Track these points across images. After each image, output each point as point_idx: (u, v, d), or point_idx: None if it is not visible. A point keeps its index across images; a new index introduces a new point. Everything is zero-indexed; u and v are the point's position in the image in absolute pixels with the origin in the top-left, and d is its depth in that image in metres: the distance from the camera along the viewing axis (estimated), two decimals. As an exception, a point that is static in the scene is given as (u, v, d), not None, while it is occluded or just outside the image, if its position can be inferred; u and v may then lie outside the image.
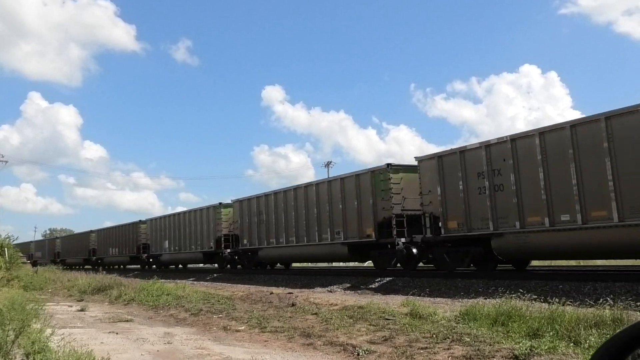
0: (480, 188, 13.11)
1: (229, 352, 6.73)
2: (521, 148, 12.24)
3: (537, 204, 11.92)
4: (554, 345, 5.59)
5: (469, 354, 5.71)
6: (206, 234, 26.91)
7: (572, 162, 11.16)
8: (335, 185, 18.25)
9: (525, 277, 12.17)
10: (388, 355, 6.05)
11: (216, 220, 26.07)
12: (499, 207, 12.67)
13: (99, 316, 11.31)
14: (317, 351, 6.67)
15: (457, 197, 13.66)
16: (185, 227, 29.07)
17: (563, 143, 11.33)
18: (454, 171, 13.83)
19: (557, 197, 11.49)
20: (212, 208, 26.73)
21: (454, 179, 13.79)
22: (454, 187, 13.82)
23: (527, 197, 12.12)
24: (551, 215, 11.54)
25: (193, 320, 10.15)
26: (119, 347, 7.25)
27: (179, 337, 8.08)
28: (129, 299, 14.27)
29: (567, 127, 11.31)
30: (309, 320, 8.88)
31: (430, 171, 14.61)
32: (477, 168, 13.19)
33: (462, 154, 13.67)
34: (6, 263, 19.13)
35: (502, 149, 12.65)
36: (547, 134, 11.72)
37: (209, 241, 26.56)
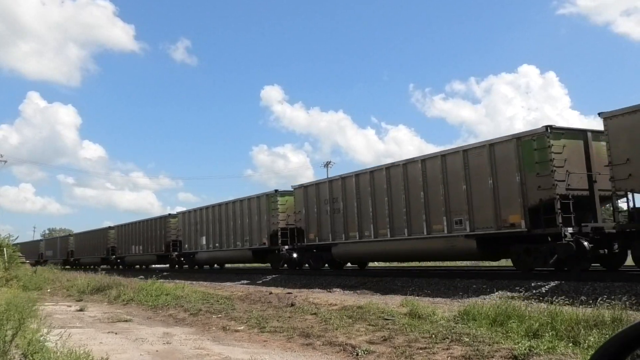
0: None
1: (228, 352, 6.73)
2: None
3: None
4: (553, 345, 5.59)
5: (468, 354, 5.70)
6: (257, 227, 23.25)
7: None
8: (454, 161, 14.31)
9: (525, 278, 12.17)
10: (387, 355, 6.05)
11: (270, 211, 22.35)
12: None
13: (97, 316, 11.30)
14: (316, 351, 6.67)
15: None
16: (229, 220, 25.41)
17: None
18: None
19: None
20: (265, 196, 23.13)
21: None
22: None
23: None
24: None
25: (192, 320, 10.14)
26: (118, 347, 7.24)
27: (178, 337, 8.07)
28: (128, 299, 14.26)
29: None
30: (308, 320, 8.88)
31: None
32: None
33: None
34: (5, 263, 19.11)
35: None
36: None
37: (261, 236, 22.95)
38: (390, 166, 16.69)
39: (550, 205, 11.86)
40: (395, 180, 16.24)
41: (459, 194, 14.00)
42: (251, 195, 24.22)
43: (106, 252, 39.28)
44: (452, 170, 14.35)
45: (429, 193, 14.97)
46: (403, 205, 15.77)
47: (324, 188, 19.49)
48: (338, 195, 18.61)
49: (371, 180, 17.23)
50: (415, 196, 15.42)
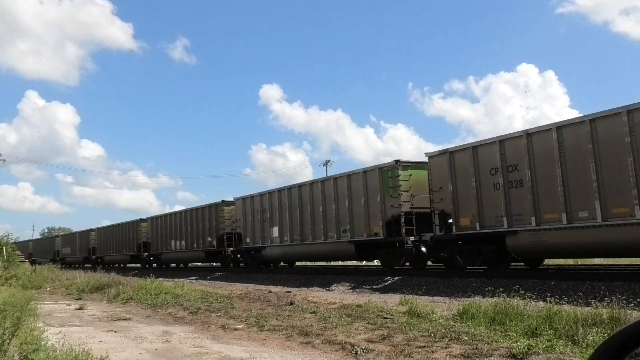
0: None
1: (228, 350, 6.74)
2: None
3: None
4: (552, 344, 5.61)
5: (467, 352, 5.72)
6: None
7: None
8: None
9: (524, 276, 12.19)
10: (386, 354, 6.06)
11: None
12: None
13: (97, 315, 11.31)
14: (316, 350, 6.68)
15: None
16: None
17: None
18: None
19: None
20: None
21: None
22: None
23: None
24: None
25: (191, 319, 10.15)
26: (118, 345, 7.24)
27: (177, 336, 8.08)
28: (127, 297, 14.26)
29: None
30: (307, 319, 8.89)
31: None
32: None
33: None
34: (4, 262, 19.12)
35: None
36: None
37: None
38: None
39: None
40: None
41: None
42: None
43: (137, 248, 35.48)
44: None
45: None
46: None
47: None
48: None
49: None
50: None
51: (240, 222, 23.96)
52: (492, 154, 13.06)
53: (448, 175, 14.10)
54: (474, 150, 13.53)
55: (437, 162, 14.61)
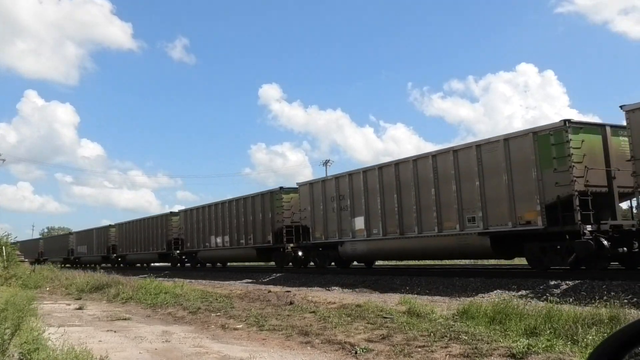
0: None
1: (227, 350, 6.74)
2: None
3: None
4: (551, 344, 5.61)
5: (467, 352, 5.72)
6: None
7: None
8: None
9: (523, 276, 12.20)
10: (386, 354, 6.06)
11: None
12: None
13: (97, 314, 11.30)
14: (315, 349, 6.68)
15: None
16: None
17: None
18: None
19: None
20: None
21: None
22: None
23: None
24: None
25: (191, 319, 10.15)
26: (117, 345, 7.24)
27: (177, 336, 8.08)
28: (127, 297, 14.26)
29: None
30: (307, 319, 8.89)
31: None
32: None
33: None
34: (4, 262, 19.11)
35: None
36: None
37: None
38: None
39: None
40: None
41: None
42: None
43: (167, 245, 31.50)
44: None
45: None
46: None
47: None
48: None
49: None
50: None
51: (307, 212, 20.04)
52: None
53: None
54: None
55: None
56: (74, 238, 47.01)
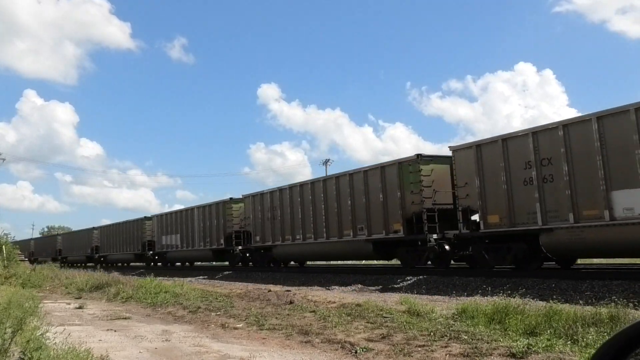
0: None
1: (227, 349, 6.74)
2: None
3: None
4: (552, 344, 5.61)
5: (467, 351, 5.72)
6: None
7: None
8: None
9: (523, 275, 12.20)
10: (386, 353, 6.06)
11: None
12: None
13: (97, 314, 11.30)
14: (315, 349, 6.68)
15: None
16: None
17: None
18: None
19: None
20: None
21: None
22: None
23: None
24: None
25: (191, 318, 10.15)
26: (117, 344, 7.24)
27: (177, 335, 8.08)
28: (127, 296, 14.26)
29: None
30: (306, 318, 8.89)
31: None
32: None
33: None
34: (4, 261, 19.10)
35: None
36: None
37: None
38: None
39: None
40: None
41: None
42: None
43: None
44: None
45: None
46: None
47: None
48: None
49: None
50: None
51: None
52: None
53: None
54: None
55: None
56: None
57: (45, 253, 50.78)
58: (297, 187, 20.37)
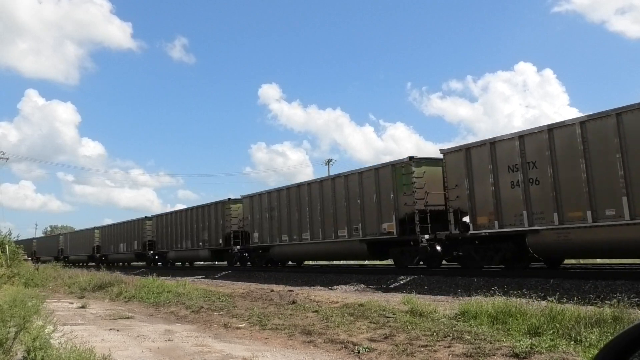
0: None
1: (230, 349, 6.74)
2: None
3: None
4: (555, 344, 5.59)
5: (470, 351, 5.71)
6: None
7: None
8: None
9: (526, 275, 12.17)
10: (388, 353, 6.05)
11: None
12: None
13: (99, 313, 11.33)
14: (318, 349, 6.68)
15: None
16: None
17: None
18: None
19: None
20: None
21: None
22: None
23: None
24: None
25: (194, 318, 10.16)
26: (120, 344, 7.26)
27: (179, 334, 8.09)
28: (129, 296, 14.29)
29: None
30: (309, 318, 8.89)
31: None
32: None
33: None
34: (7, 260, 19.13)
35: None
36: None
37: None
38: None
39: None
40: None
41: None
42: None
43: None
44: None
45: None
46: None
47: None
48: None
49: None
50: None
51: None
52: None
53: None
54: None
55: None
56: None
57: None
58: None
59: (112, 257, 39.35)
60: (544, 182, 11.98)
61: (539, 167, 12.10)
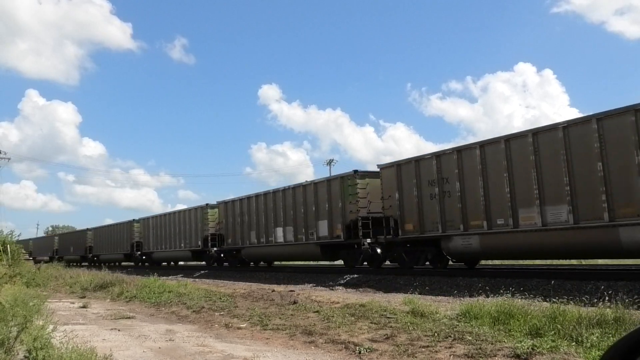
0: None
1: (231, 349, 6.74)
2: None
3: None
4: (556, 345, 5.59)
5: (471, 352, 5.70)
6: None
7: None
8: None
9: (527, 276, 12.17)
10: (389, 354, 6.05)
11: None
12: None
13: (101, 313, 11.34)
14: (319, 349, 6.67)
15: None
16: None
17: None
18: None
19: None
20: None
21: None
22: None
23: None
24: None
25: (195, 318, 10.16)
26: (121, 344, 7.26)
27: (180, 334, 8.09)
28: (130, 296, 14.29)
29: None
30: (310, 318, 8.89)
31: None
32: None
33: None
34: (8, 260, 19.15)
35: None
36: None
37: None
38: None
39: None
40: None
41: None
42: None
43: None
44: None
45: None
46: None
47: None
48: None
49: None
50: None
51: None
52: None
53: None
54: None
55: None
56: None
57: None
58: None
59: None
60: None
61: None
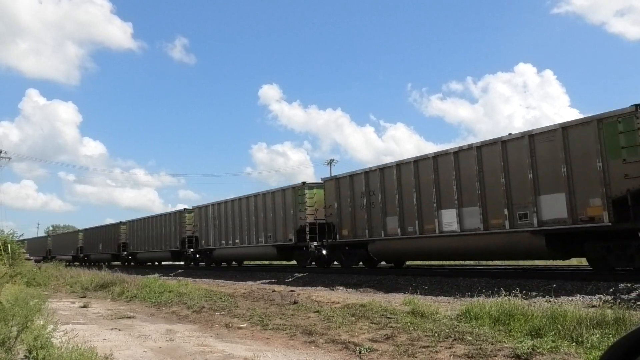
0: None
1: (231, 349, 6.74)
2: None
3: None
4: (556, 345, 5.58)
5: (471, 352, 5.70)
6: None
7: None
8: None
9: (528, 276, 12.16)
10: (390, 354, 6.05)
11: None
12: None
13: (101, 313, 11.34)
14: (319, 349, 6.68)
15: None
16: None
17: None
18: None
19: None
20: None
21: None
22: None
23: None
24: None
25: (195, 318, 10.17)
26: (122, 343, 7.26)
27: (181, 334, 8.10)
28: (131, 295, 14.30)
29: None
30: (310, 318, 8.89)
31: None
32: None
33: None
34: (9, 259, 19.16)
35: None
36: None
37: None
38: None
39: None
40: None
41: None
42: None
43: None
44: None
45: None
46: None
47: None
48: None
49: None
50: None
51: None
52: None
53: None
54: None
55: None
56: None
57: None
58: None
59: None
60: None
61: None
